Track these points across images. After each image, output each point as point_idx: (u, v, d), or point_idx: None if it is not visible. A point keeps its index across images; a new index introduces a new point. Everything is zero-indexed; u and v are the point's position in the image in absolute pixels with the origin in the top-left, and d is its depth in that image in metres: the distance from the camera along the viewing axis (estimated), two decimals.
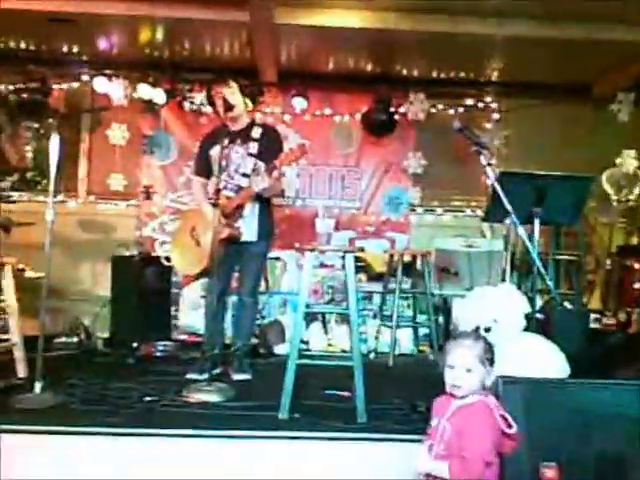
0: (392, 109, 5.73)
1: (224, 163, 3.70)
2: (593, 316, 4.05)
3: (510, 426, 1.90)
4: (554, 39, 4.69)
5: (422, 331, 4.98)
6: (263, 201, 3.86)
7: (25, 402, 2.97)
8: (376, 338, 4.90)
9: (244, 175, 3.79)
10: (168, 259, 4.82)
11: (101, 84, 5.48)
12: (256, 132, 3.86)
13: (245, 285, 3.89)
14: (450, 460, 1.87)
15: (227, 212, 3.66)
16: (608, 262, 5.22)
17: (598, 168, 5.17)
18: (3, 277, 3.59)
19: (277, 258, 5.46)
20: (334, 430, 2.74)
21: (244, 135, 3.85)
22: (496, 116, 5.93)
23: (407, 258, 4.84)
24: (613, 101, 5.56)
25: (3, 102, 5.32)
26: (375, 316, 5.17)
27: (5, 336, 3.62)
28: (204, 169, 3.95)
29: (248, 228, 3.79)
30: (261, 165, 3.73)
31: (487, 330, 2.74)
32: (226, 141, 3.73)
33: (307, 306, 3.11)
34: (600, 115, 5.63)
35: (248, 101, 3.94)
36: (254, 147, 3.81)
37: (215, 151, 3.74)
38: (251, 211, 3.80)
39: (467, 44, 4.92)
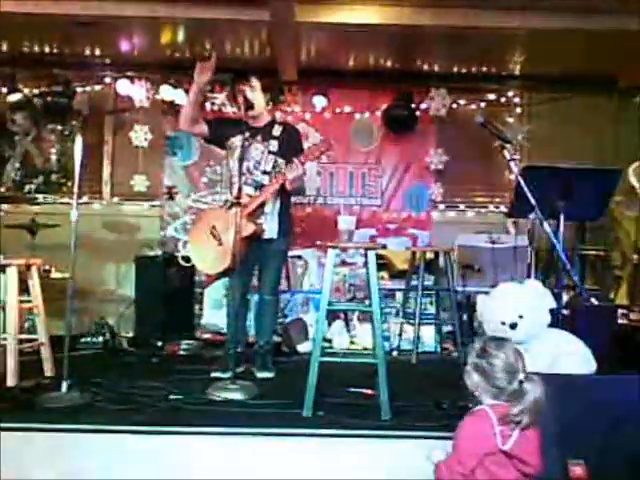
0: (413, 105, 5.69)
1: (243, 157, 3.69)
2: (620, 311, 3.97)
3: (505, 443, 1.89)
4: (578, 30, 4.60)
5: (445, 328, 4.94)
6: (283, 199, 3.86)
7: (52, 401, 3.02)
8: (399, 336, 4.87)
9: (264, 172, 3.79)
10: (187, 259, 4.84)
11: (124, 86, 5.55)
12: (277, 130, 3.86)
13: (266, 283, 3.90)
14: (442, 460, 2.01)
15: (250, 209, 3.67)
16: (635, 257, 5.12)
17: (624, 161, 5.07)
18: (30, 278, 3.64)
19: (299, 257, 5.46)
20: (358, 428, 2.73)
21: (265, 132, 3.85)
22: (519, 110, 5.86)
23: (429, 255, 4.81)
24: (639, 93, 5.46)
25: (28, 105, 5.39)
26: (398, 313, 5.14)
27: (32, 336, 3.69)
28: (215, 126, 3.87)
29: (269, 225, 3.80)
30: (281, 163, 3.73)
31: (512, 327, 2.70)
32: (246, 135, 3.73)
33: (329, 304, 3.10)
34: (626, 107, 5.53)
35: (268, 99, 3.92)
36: (274, 145, 3.81)
37: (237, 139, 3.72)
38: (272, 208, 3.81)
39: (488, 37, 4.86)
